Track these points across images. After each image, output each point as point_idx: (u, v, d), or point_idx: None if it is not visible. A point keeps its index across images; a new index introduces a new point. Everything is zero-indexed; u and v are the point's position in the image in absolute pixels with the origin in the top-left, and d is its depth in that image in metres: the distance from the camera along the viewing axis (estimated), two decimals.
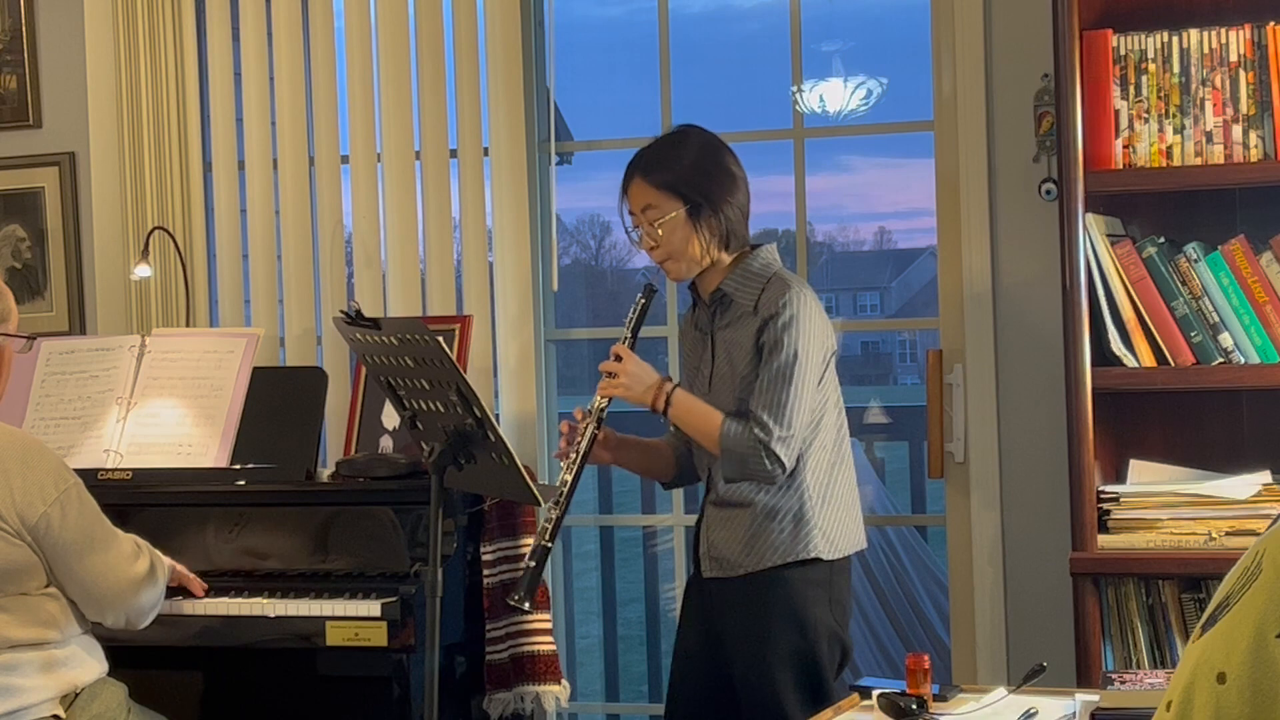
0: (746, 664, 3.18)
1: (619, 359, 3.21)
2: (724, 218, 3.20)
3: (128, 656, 3.43)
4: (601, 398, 3.23)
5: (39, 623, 3.06)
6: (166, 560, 3.35)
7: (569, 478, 3.18)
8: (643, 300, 3.27)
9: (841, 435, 3.25)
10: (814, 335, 3.15)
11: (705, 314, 3.30)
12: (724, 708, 3.26)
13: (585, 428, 3.22)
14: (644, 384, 3.20)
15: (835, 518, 3.20)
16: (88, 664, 3.14)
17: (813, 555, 3.16)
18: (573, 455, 3.21)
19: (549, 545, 3.13)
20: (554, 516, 3.14)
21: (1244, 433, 3.51)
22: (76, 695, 3.09)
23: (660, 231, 3.20)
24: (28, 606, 3.05)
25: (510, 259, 4.09)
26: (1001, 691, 2.67)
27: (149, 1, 4.30)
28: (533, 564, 3.12)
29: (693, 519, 3.41)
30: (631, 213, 3.26)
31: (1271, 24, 3.28)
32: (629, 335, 3.25)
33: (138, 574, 3.18)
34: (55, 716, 3.05)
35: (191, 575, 3.55)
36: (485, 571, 3.83)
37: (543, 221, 4.22)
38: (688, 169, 3.21)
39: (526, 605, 3.13)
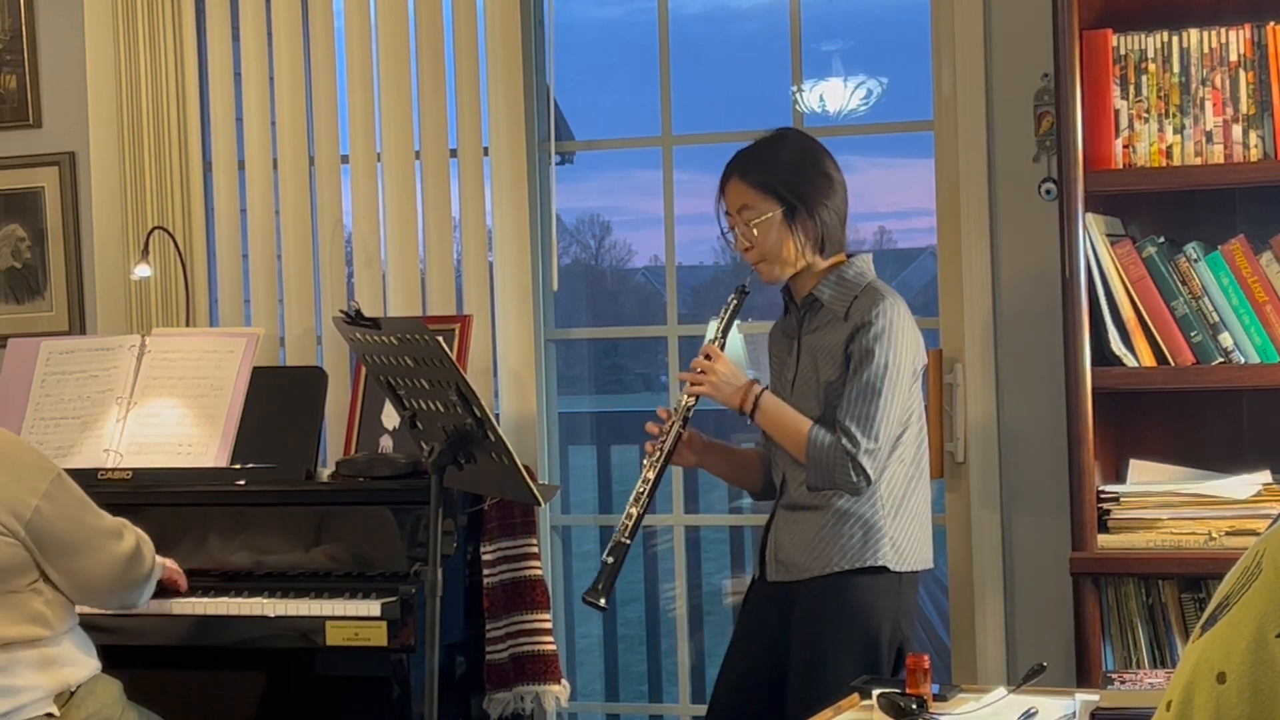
0: (803, 665, 3.15)
1: (709, 359, 3.21)
2: (820, 221, 3.19)
3: (127, 656, 3.43)
4: (689, 397, 3.23)
5: (28, 619, 3.06)
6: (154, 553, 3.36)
7: (651, 475, 3.18)
8: (734, 301, 3.26)
9: (921, 451, 3.23)
10: (905, 348, 3.14)
11: (794, 318, 3.28)
12: (766, 709, 3.23)
13: (670, 426, 3.22)
14: (732, 385, 3.20)
15: (906, 531, 3.18)
16: (81, 661, 3.14)
17: (880, 564, 3.14)
18: (656, 454, 3.20)
19: (628, 542, 3.12)
20: (634, 514, 3.14)
21: (1244, 433, 3.51)
22: (72, 694, 3.09)
23: (755, 232, 3.19)
24: (16, 604, 3.05)
25: (510, 259, 4.09)
26: (1001, 691, 2.67)
27: (149, 1, 4.29)
28: (610, 560, 3.11)
29: (693, 520, 3.41)
30: (728, 213, 3.25)
31: (1271, 24, 3.28)
32: (719, 336, 3.24)
33: (125, 552, 3.19)
34: (49, 715, 3.05)
35: (178, 572, 3.55)
36: (485, 571, 3.83)
37: (543, 221, 4.21)
38: (785, 170, 3.20)
39: (602, 602, 3.11)
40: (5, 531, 3.02)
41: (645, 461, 3.22)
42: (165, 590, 3.52)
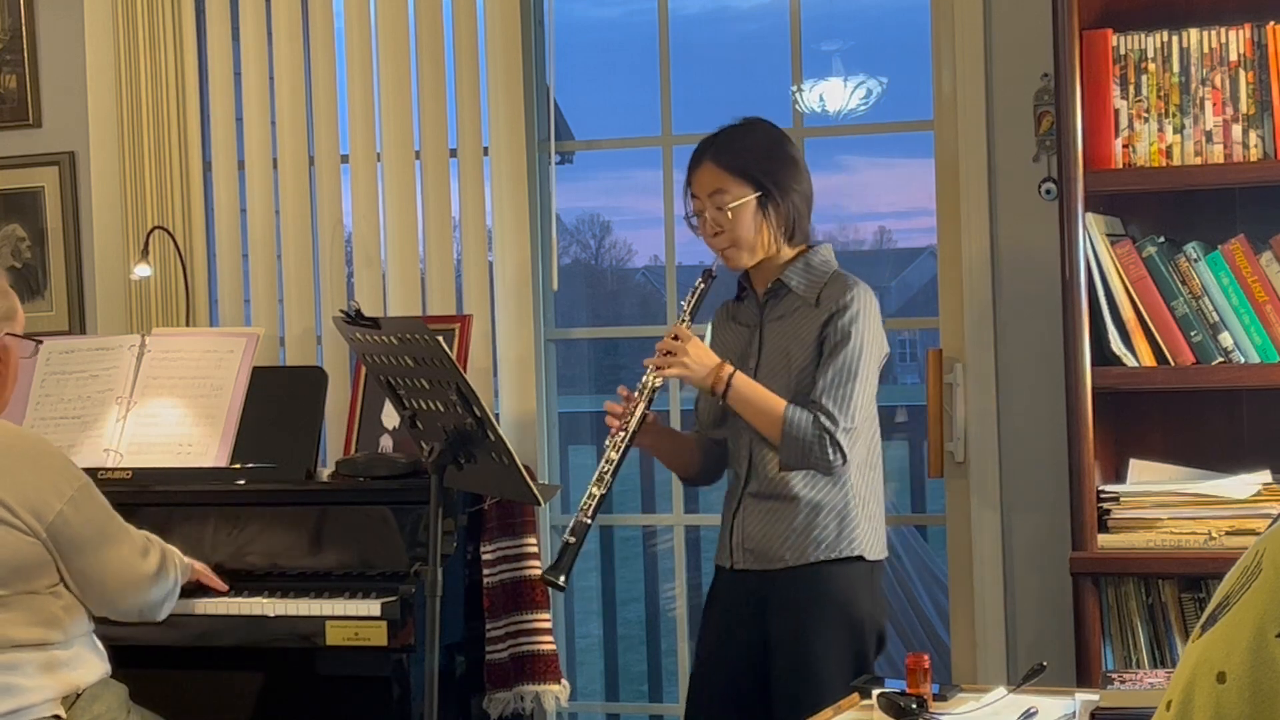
0: (790, 658, 3.16)
1: (678, 339, 3.20)
2: (791, 206, 3.21)
3: (128, 656, 3.43)
4: (655, 377, 3.23)
5: (42, 623, 3.06)
6: (185, 559, 3.37)
7: (615, 456, 3.19)
8: (701, 284, 3.27)
9: (875, 440, 3.25)
10: (875, 335, 3.17)
11: (753, 307, 3.29)
12: (750, 705, 3.23)
13: (635, 407, 3.22)
14: (705, 366, 3.20)
15: (872, 520, 3.21)
16: (90, 664, 3.14)
17: (857, 553, 3.16)
18: (620, 435, 3.21)
19: (589, 522, 3.14)
20: (596, 493, 3.15)
21: (1244, 432, 3.51)
22: (78, 696, 3.09)
23: (729, 216, 3.19)
24: (33, 606, 3.05)
25: (510, 259, 4.09)
26: (1001, 691, 2.67)
27: (149, 1, 4.30)
28: (572, 539, 3.12)
29: (692, 519, 3.41)
30: (696, 196, 3.25)
31: (1271, 24, 3.28)
32: (687, 318, 3.26)
33: (149, 570, 3.19)
34: (56, 717, 3.05)
35: (211, 574, 3.56)
36: (485, 571, 3.83)
37: (543, 221, 4.21)
38: (759, 155, 3.22)
39: (562, 580, 3.12)
40: (27, 530, 3.02)
41: (609, 441, 3.22)
42: (202, 591, 3.54)
